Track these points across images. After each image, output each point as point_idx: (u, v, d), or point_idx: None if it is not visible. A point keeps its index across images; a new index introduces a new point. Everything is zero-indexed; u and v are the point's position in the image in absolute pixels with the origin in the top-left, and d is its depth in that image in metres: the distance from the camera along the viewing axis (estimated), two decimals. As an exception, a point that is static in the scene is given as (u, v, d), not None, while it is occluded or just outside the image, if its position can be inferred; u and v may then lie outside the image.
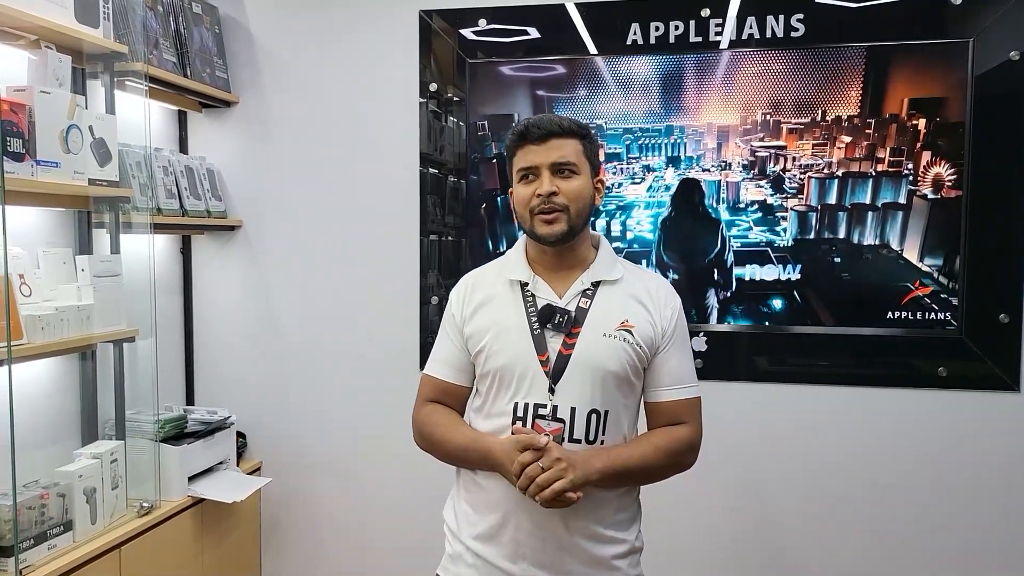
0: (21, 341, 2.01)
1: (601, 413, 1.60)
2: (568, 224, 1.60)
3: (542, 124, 1.61)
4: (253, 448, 3.08)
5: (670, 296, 1.69)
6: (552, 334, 1.61)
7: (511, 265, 1.71)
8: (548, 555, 1.59)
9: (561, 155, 1.60)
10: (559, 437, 1.57)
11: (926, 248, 2.60)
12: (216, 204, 2.95)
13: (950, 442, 2.63)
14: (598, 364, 1.59)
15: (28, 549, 2.01)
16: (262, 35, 3.00)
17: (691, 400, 1.68)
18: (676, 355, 1.66)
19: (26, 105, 2.01)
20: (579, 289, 1.65)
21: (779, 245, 2.69)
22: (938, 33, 2.56)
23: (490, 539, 1.64)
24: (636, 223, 2.78)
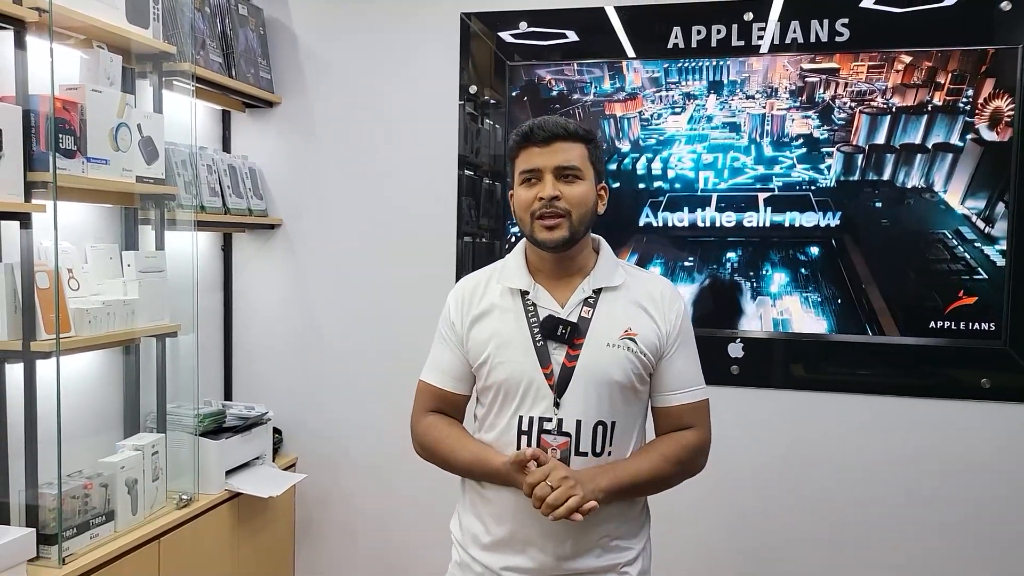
0: (69, 334, 2.06)
1: (608, 424, 1.57)
2: (570, 231, 1.55)
3: (547, 126, 1.56)
4: (289, 444, 3.11)
5: (673, 299, 1.65)
6: (555, 346, 1.57)
7: (511, 272, 1.66)
8: (554, 565, 1.57)
9: (566, 159, 1.56)
10: (566, 451, 1.54)
11: (969, 191, 2.54)
12: (257, 203, 2.99)
13: (992, 455, 2.58)
14: (603, 375, 1.56)
15: (71, 538, 2.05)
16: (306, 37, 3.04)
17: (698, 403, 1.63)
18: (681, 358, 1.62)
19: (78, 103, 2.05)
20: (580, 297, 1.60)
21: (821, 186, 2.64)
22: (986, 39, 2.52)
23: (496, 550, 1.62)
24: (677, 160, 2.73)
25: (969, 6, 2.52)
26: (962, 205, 2.56)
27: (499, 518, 1.61)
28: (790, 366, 2.70)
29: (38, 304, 1.98)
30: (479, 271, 1.75)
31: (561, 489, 1.45)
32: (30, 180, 1.95)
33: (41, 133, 1.96)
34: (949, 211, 2.57)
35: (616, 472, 1.54)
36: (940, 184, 2.57)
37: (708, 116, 2.71)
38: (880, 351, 2.62)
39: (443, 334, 1.71)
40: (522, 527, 1.58)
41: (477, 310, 1.65)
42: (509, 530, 1.60)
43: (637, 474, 1.56)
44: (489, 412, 1.65)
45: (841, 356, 2.66)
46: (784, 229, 2.68)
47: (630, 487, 1.56)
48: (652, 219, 2.76)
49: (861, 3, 2.58)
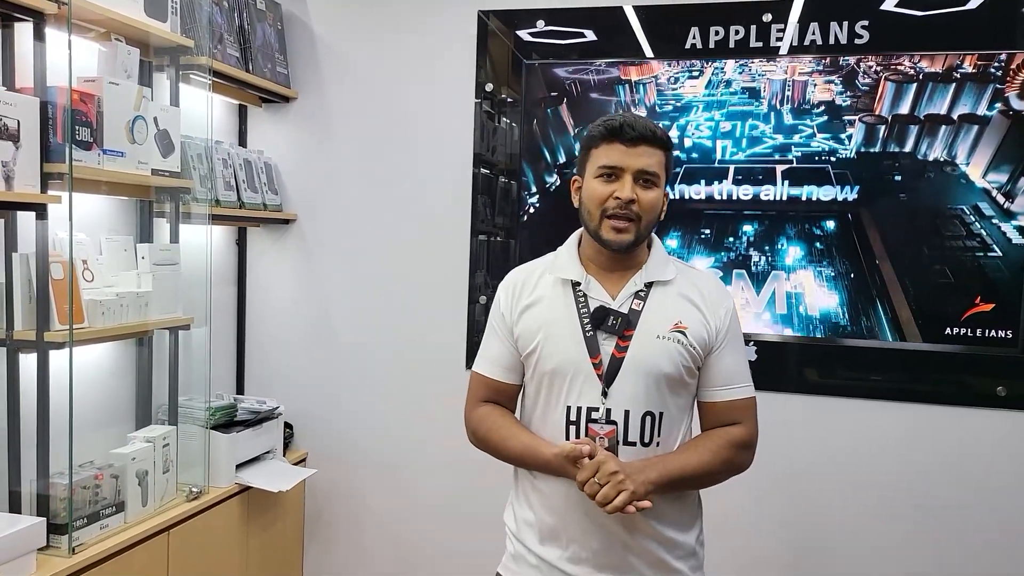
0: (82, 325, 2.07)
1: (656, 415, 1.59)
2: (636, 235, 1.58)
3: (637, 126, 1.56)
4: (299, 439, 3.12)
5: (723, 296, 1.67)
6: (605, 336, 1.59)
7: (563, 263, 1.68)
8: (607, 557, 1.59)
9: (648, 163, 1.56)
10: (613, 440, 1.56)
11: (992, 164, 2.50)
12: (272, 197, 3.00)
13: (1007, 463, 2.55)
14: (652, 366, 1.57)
15: (81, 528, 2.06)
16: (323, 32, 3.05)
17: (745, 400, 1.64)
18: (729, 355, 1.63)
19: (95, 95, 2.06)
20: (632, 290, 1.62)
21: (841, 156, 2.61)
22: (1009, 42, 2.49)
23: (550, 541, 1.63)
24: (695, 128, 2.71)
25: (991, 9, 2.49)
26: (983, 179, 2.52)
27: (551, 509, 1.63)
28: (803, 370, 2.68)
29: (52, 295, 1.99)
30: (530, 262, 1.76)
31: (610, 485, 1.47)
32: (46, 171, 1.96)
33: (58, 125, 1.97)
34: (969, 185, 2.53)
35: (665, 465, 1.55)
36: (963, 156, 2.53)
37: (727, 81, 2.68)
38: (895, 357, 2.60)
39: (493, 325, 1.73)
40: (574, 518, 1.59)
41: (527, 300, 1.67)
42: (562, 521, 1.61)
43: (685, 467, 1.57)
44: (538, 401, 1.66)
45: (855, 361, 2.64)
46: (801, 203, 2.65)
47: (679, 480, 1.56)
48: (668, 191, 2.74)
49: (882, 5, 2.55)
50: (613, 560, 1.59)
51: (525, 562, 1.67)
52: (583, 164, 1.64)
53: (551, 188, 2.86)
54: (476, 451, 2.94)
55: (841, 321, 2.63)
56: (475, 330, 2.93)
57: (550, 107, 2.83)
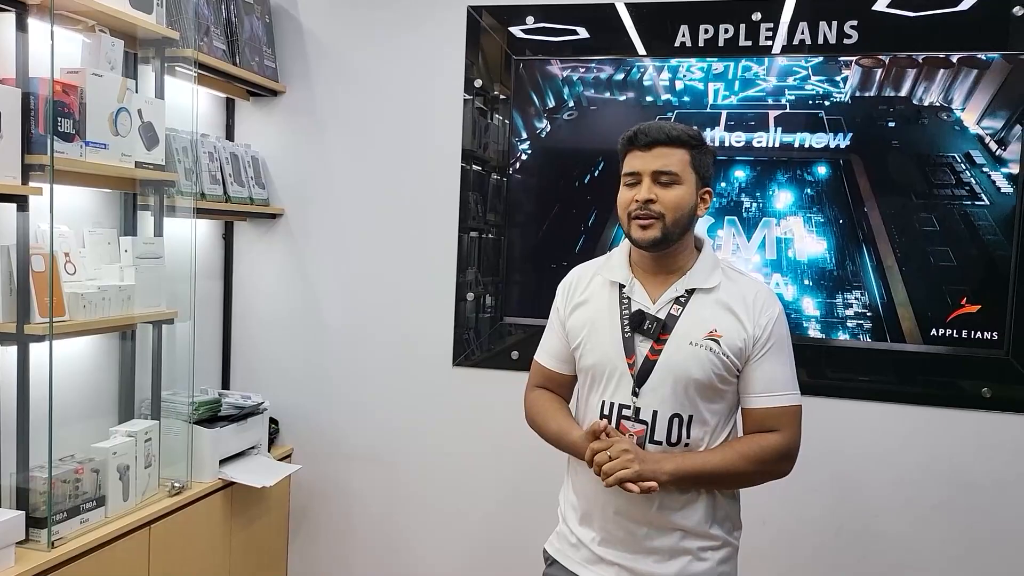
0: (63, 318, 2.06)
1: (684, 418, 1.65)
2: (662, 232, 1.63)
3: (650, 132, 1.64)
4: (285, 435, 3.11)
5: (767, 305, 1.68)
6: (642, 339, 1.67)
7: (613, 265, 1.77)
8: (633, 543, 1.67)
9: (663, 164, 1.63)
10: (642, 438, 1.64)
11: (988, 110, 2.50)
12: (259, 192, 2.98)
13: (991, 465, 2.55)
14: (682, 371, 1.63)
15: (61, 522, 2.05)
16: (312, 26, 3.03)
17: (785, 408, 1.67)
18: (770, 363, 1.66)
19: (78, 87, 2.05)
20: (672, 296, 1.68)
21: (835, 100, 2.60)
22: (1000, 45, 2.49)
23: (585, 523, 1.75)
24: (686, 70, 2.70)
25: (983, 11, 2.49)
26: (977, 125, 2.51)
27: (583, 494, 1.74)
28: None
29: (33, 287, 1.98)
30: (590, 262, 1.87)
31: (618, 460, 1.56)
32: (28, 163, 1.95)
33: (40, 116, 1.95)
34: (963, 132, 2.52)
35: (683, 459, 1.62)
36: (959, 101, 2.52)
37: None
38: (882, 358, 2.60)
39: (551, 319, 1.86)
40: (599, 503, 1.69)
41: (579, 298, 1.79)
42: (592, 505, 1.72)
43: (704, 464, 1.62)
44: (582, 392, 1.79)
45: (843, 362, 2.63)
46: (793, 149, 2.65)
47: (695, 475, 1.62)
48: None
49: (874, 5, 2.55)
50: (638, 546, 1.67)
51: (566, 540, 1.79)
52: (619, 178, 1.73)
53: (539, 186, 2.85)
54: (463, 447, 2.96)
55: (828, 266, 2.63)
56: (463, 326, 2.92)
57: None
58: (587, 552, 1.73)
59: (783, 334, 1.69)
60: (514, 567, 2.87)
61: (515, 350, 2.86)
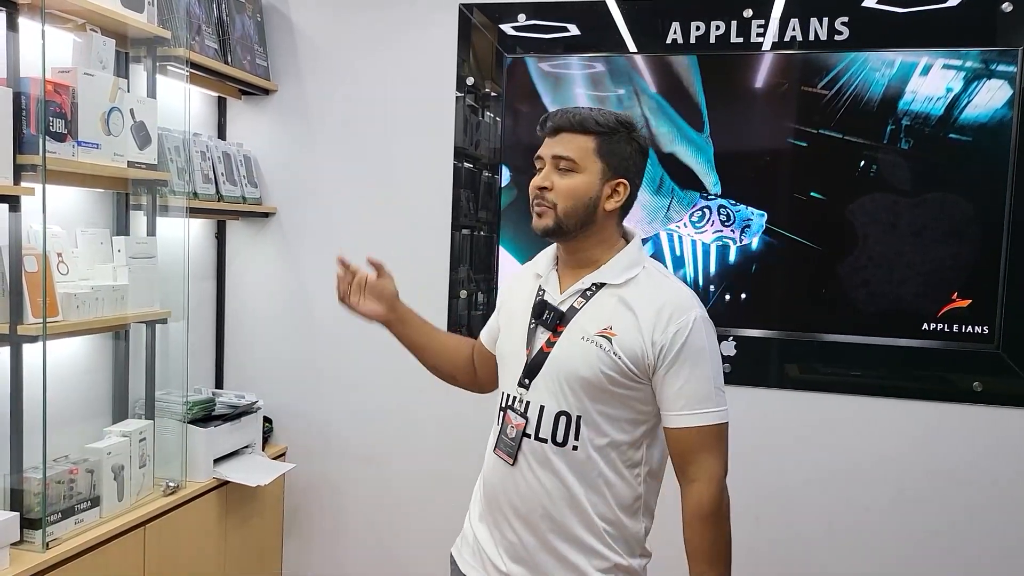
0: (56, 318, 2.05)
1: (572, 417, 1.53)
2: (554, 221, 1.55)
3: (554, 117, 1.57)
4: (279, 433, 3.11)
5: (680, 312, 1.51)
6: (542, 330, 1.60)
7: (541, 257, 1.73)
8: (524, 551, 1.57)
9: (561, 150, 1.55)
10: (519, 432, 1.57)
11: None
12: (252, 190, 2.98)
13: (982, 458, 2.57)
14: (569, 367, 1.53)
15: (56, 523, 2.04)
16: (303, 24, 3.03)
17: (703, 428, 1.50)
18: (682, 376, 1.49)
19: (70, 86, 2.04)
20: (579, 288, 1.59)
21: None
22: (987, 41, 2.50)
23: (481, 520, 1.68)
24: None
25: (971, 7, 2.50)
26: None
27: (487, 483, 1.66)
28: (784, 366, 2.69)
29: (25, 287, 1.97)
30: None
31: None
32: (19, 163, 1.94)
33: (31, 116, 1.94)
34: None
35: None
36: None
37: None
38: (874, 353, 2.61)
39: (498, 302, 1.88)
40: (503, 499, 1.61)
41: (514, 286, 1.78)
42: (492, 500, 1.64)
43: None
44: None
45: (835, 356, 2.65)
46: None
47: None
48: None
49: (864, 2, 2.56)
50: (528, 555, 1.57)
51: (466, 541, 1.72)
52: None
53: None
54: (458, 444, 2.96)
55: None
56: (457, 324, 2.92)
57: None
58: (482, 555, 1.64)
59: (699, 345, 1.50)
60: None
61: (509, 347, 2.87)
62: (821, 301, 2.65)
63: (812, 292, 2.66)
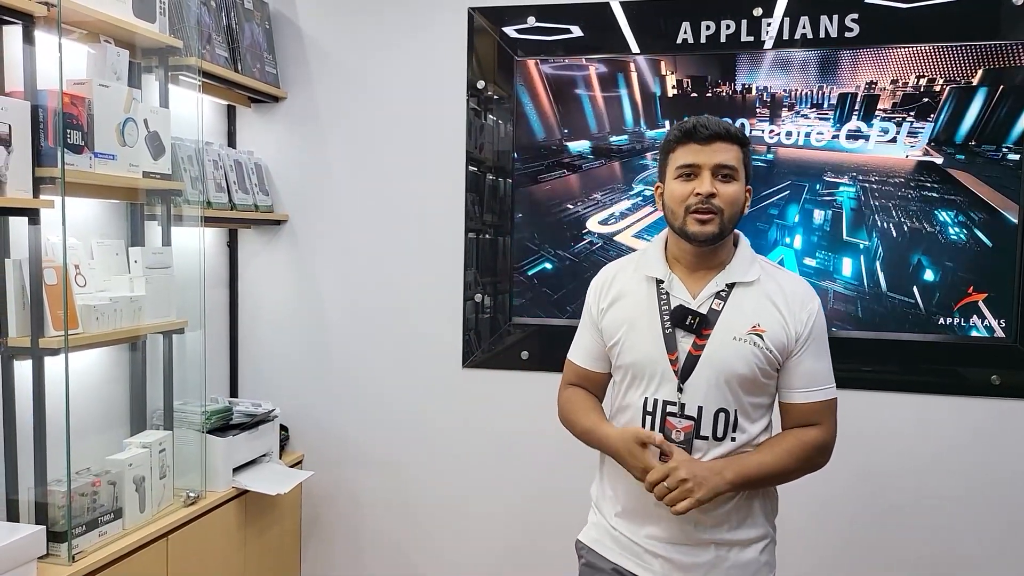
0: (77, 330, 2.05)
1: (729, 412, 1.64)
2: (720, 227, 1.63)
3: (710, 126, 1.63)
4: (295, 441, 3.10)
5: (807, 299, 1.68)
6: (683, 334, 1.65)
7: (649, 261, 1.75)
8: (679, 535, 1.67)
9: (725, 158, 1.62)
10: (690, 434, 1.64)
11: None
12: (263, 198, 2.98)
13: (1002, 451, 2.58)
14: (726, 366, 1.63)
15: (80, 535, 2.04)
16: (311, 31, 3.03)
17: (825, 403, 1.68)
18: (810, 357, 1.66)
19: (85, 98, 2.04)
20: (713, 291, 1.67)
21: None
22: (994, 34, 2.51)
23: (627, 518, 1.73)
24: None
25: (975, 1, 2.51)
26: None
27: (622, 489, 1.73)
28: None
29: (46, 300, 1.97)
30: (620, 259, 1.86)
31: (678, 491, 1.57)
32: (38, 175, 1.93)
33: (49, 128, 1.94)
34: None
35: (741, 465, 1.63)
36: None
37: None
38: (888, 348, 2.62)
39: (584, 317, 1.84)
40: (644, 499, 1.66)
41: (614, 294, 1.77)
42: (631, 499, 1.71)
43: (760, 467, 1.64)
44: (620, 389, 1.76)
45: (849, 353, 2.63)
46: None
47: (755, 479, 1.64)
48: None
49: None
50: (684, 537, 1.67)
51: (607, 532, 1.77)
52: (663, 169, 1.71)
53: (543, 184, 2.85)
54: (475, 450, 2.96)
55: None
56: (469, 327, 2.92)
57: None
58: (629, 543, 1.72)
59: (822, 328, 1.69)
60: (529, 567, 2.88)
61: (524, 350, 2.87)
62: (834, 297, 2.65)
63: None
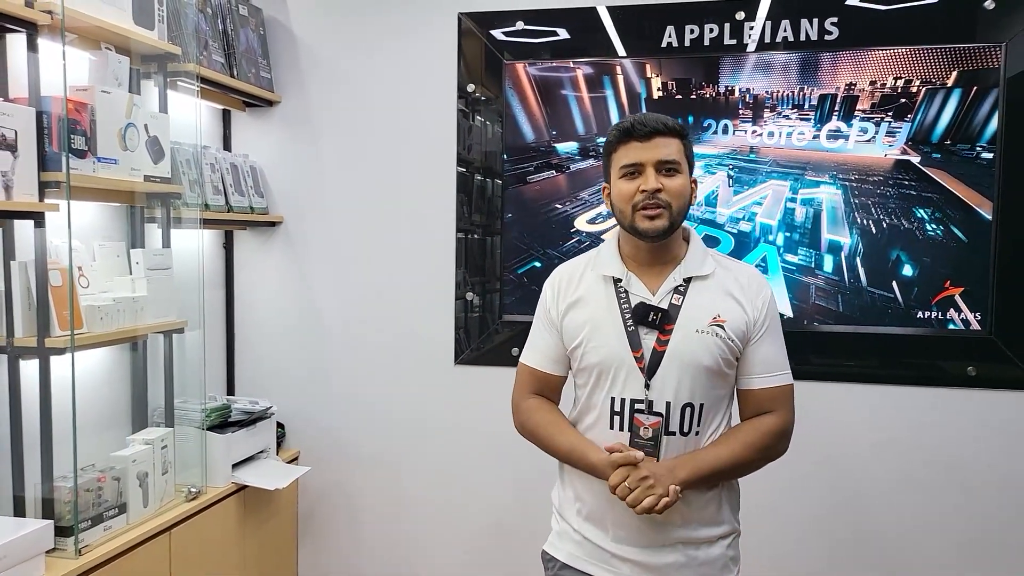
0: (82, 330, 2.10)
1: (695, 406, 1.66)
2: (670, 220, 1.64)
3: (648, 122, 1.64)
4: (291, 438, 3.16)
5: (761, 286, 1.72)
6: (646, 331, 1.67)
7: (604, 261, 1.76)
8: (647, 537, 1.68)
9: (666, 153, 1.64)
10: (659, 430, 1.65)
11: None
12: (258, 200, 3.03)
13: (977, 441, 2.66)
14: (692, 360, 1.65)
15: (86, 530, 2.09)
16: (304, 36, 3.08)
17: (782, 388, 1.71)
18: (767, 344, 1.70)
19: (88, 104, 2.09)
20: (671, 286, 1.69)
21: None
22: (970, 37, 2.59)
23: (592, 521, 1.73)
24: None
25: (953, 3, 2.59)
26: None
27: (595, 493, 1.71)
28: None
29: (52, 301, 2.02)
30: (574, 260, 1.84)
31: (640, 489, 1.58)
32: (43, 180, 1.98)
33: (54, 134, 1.99)
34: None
35: (695, 462, 1.64)
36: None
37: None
38: (868, 342, 2.69)
39: (540, 320, 1.82)
40: (611, 500, 1.65)
41: (572, 297, 1.75)
42: (604, 504, 1.70)
43: (716, 462, 1.65)
44: (585, 391, 1.75)
45: (830, 347, 2.73)
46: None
47: (709, 475, 1.65)
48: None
49: (847, 0, 2.64)
50: (651, 540, 1.68)
51: (569, 538, 1.77)
52: (607, 170, 1.73)
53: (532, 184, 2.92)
54: (467, 444, 3.02)
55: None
56: (461, 326, 2.99)
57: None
58: (595, 549, 1.72)
59: (776, 315, 1.73)
60: (521, 565, 2.94)
61: (515, 347, 2.93)
62: (815, 292, 2.73)
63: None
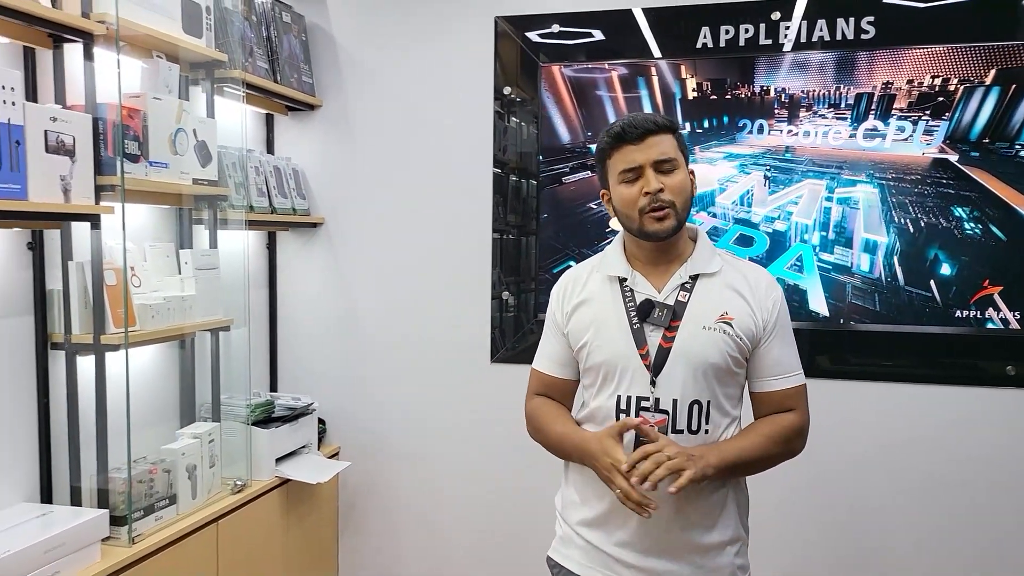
0: (135, 328, 2.19)
1: (703, 404, 1.63)
2: (677, 219, 1.62)
3: (638, 123, 1.61)
4: (332, 434, 3.24)
5: (771, 287, 1.69)
6: (652, 328, 1.64)
7: (609, 262, 1.74)
8: (653, 542, 1.64)
9: (661, 151, 1.61)
10: (663, 428, 1.61)
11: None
12: (301, 202, 3.11)
13: (1019, 441, 2.64)
14: (698, 357, 1.61)
15: (138, 519, 2.18)
16: (344, 41, 3.16)
17: (797, 388, 1.69)
18: (779, 345, 1.67)
19: (140, 110, 2.18)
20: (677, 283, 1.66)
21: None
22: (1009, 35, 2.57)
23: (596, 525, 1.69)
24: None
25: (991, 1, 2.56)
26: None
27: (600, 493, 1.67)
28: (815, 357, 2.75)
29: (107, 300, 2.11)
30: (580, 264, 1.83)
31: (677, 460, 1.51)
32: (99, 183, 2.07)
33: (108, 139, 2.08)
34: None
35: (723, 450, 1.60)
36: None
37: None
38: (905, 341, 2.68)
39: (547, 325, 1.82)
40: (616, 504, 1.60)
41: (577, 299, 1.74)
42: (608, 507, 1.65)
43: (741, 453, 1.61)
44: (591, 391, 1.72)
45: (867, 346, 2.72)
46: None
47: (735, 465, 1.61)
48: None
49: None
50: (657, 545, 1.64)
51: (572, 544, 1.74)
52: (604, 177, 1.71)
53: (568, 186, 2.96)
54: (503, 441, 3.07)
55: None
56: (496, 326, 3.03)
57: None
58: (599, 553, 1.68)
59: (786, 316, 1.70)
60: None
61: (551, 345, 2.97)
62: (852, 292, 2.73)
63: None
